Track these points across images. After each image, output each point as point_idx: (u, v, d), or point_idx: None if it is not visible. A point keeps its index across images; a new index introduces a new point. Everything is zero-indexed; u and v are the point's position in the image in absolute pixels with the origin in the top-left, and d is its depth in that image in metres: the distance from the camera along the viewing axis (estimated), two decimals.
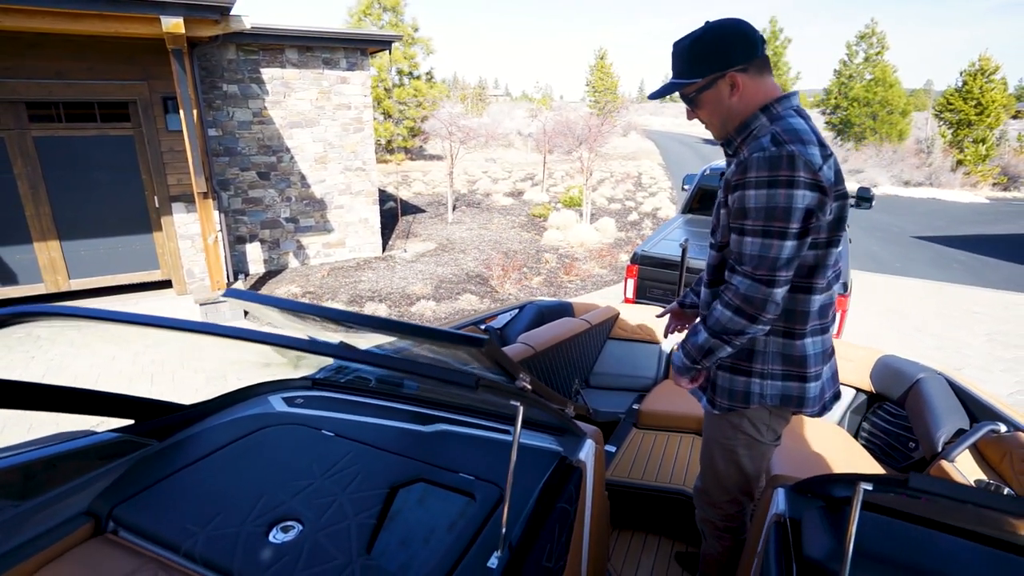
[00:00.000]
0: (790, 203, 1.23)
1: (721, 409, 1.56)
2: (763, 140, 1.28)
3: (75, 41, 5.64)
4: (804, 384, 1.46)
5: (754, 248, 1.28)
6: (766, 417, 1.54)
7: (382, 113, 19.99)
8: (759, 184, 1.25)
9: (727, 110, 1.38)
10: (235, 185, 7.41)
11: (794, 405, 1.48)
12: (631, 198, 14.41)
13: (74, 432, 1.32)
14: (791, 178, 1.23)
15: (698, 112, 1.43)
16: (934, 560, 1.08)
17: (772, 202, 1.24)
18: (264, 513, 1.18)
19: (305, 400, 1.68)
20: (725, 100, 1.37)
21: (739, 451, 1.60)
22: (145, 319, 1.04)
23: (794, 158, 1.22)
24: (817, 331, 1.45)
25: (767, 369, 1.47)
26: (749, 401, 1.50)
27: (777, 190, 1.23)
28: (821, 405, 1.51)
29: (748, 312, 1.31)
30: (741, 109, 1.37)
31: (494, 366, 0.92)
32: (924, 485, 0.78)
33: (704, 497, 1.75)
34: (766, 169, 1.24)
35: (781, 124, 1.29)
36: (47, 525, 1.11)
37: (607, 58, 34.69)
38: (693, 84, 1.38)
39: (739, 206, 1.30)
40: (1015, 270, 9.27)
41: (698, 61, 1.37)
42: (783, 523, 1.26)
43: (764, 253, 1.27)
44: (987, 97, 21.55)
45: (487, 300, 6.89)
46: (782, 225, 1.25)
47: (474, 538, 1.12)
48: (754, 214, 1.27)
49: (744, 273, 1.31)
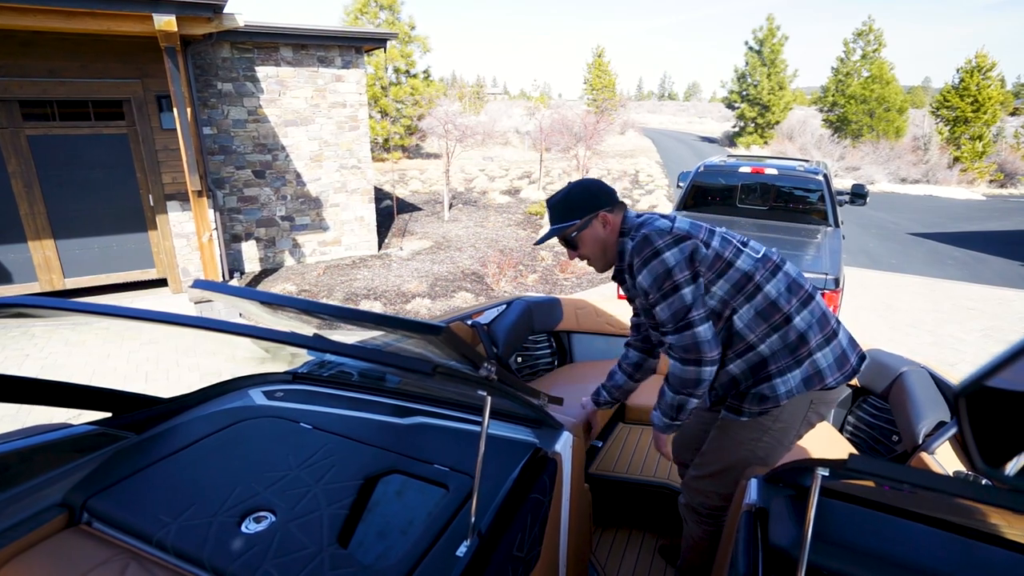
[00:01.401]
0: (665, 265, 1.52)
1: (751, 415, 1.64)
2: (628, 246, 1.63)
3: (68, 39, 5.64)
4: (813, 358, 1.58)
5: (665, 312, 1.54)
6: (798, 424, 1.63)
7: (379, 111, 19.97)
8: (639, 268, 1.56)
9: (603, 242, 1.69)
10: (230, 183, 7.42)
11: (817, 383, 1.58)
12: (628, 196, 14.41)
13: (50, 425, 1.33)
14: (654, 249, 1.53)
15: (580, 250, 1.71)
16: (897, 546, 1.09)
17: (653, 273, 1.53)
18: (237, 504, 1.19)
19: (285, 394, 1.69)
20: (601, 234, 1.68)
21: (758, 453, 1.67)
22: (127, 311, 1.05)
23: (647, 238, 1.55)
24: (798, 307, 1.58)
25: (781, 365, 1.58)
26: (780, 400, 1.59)
27: (651, 263, 1.53)
28: (844, 373, 1.61)
29: (690, 359, 1.53)
30: (610, 238, 1.68)
31: (456, 354, 0.93)
32: (862, 466, 0.80)
33: (696, 485, 1.78)
34: (637, 256, 1.56)
35: (633, 232, 1.63)
36: (20, 516, 1.12)
37: (604, 56, 34.66)
38: (572, 225, 1.66)
39: (641, 290, 1.59)
40: (1009, 266, 9.28)
41: (574, 209, 1.66)
42: (753, 512, 1.28)
43: (673, 310, 1.52)
44: (984, 94, 21.55)
45: (482, 298, 6.90)
46: (671, 283, 1.51)
47: (444, 528, 1.13)
48: (650, 289, 1.55)
49: (669, 331, 1.55)
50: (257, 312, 1.32)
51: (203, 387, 1.67)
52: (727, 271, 1.56)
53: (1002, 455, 0.50)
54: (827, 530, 1.12)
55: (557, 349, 3.35)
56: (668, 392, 1.63)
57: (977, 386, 0.47)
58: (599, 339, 3.33)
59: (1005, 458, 0.51)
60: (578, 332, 3.35)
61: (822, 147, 24.24)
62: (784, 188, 5.92)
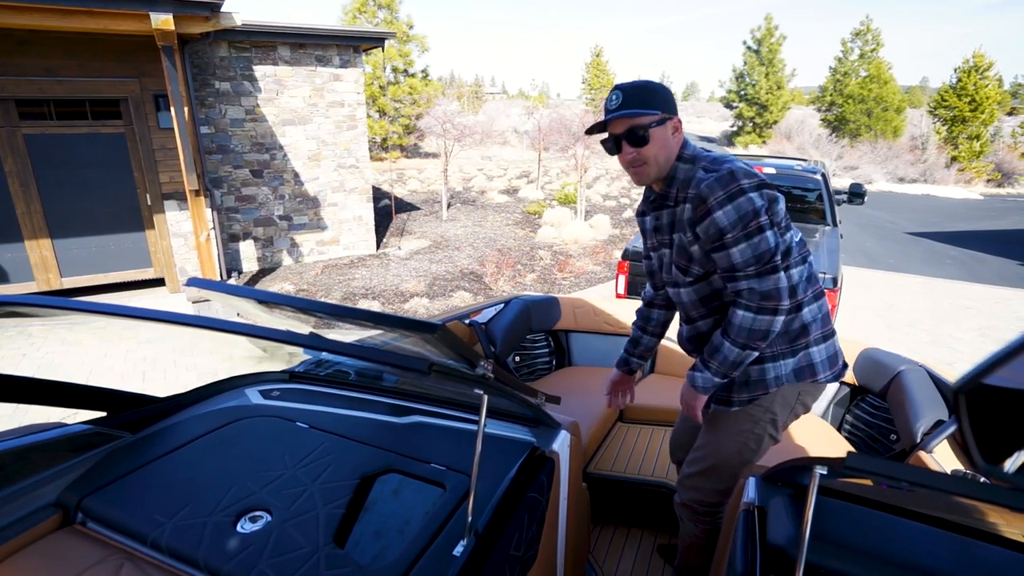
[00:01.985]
0: (752, 204, 1.39)
1: (740, 404, 1.61)
2: (699, 174, 1.46)
3: (65, 38, 5.62)
4: (809, 351, 1.56)
5: (746, 253, 1.41)
6: (786, 413, 1.61)
7: (377, 111, 19.95)
8: (722, 203, 1.40)
9: (669, 149, 1.52)
10: (228, 183, 7.40)
11: (808, 376, 1.56)
12: (626, 195, 14.41)
13: (45, 424, 1.32)
14: (741, 187, 1.40)
15: (643, 149, 1.50)
16: (896, 545, 1.09)
17: (740, 211, 1.39)
18: (233, 503, 1.18)
19: (282, 393, 1.69)
20: (669, 139, 1.51)
21: (749, 445, 1.64)
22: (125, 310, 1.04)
23: (734, 172, 1.41)
24: (811, 299, 1.55)
25: (776, 350, 1.55)
26: (768, 387, 1.57)
27: (738, 200, 1.39)
28: (834, 372, 1.60)
29: (769, 307, 1.41)
30: (673, 151, 1.53)
31: (452, 352, 0.92)
32: (860, 465, 0.79)
33: (691, 482, 1.76)
34: (720, 189, 1.40)
35: (701, 160, 1.50)
36: (14, 516, 1.11)
37: (603, 56, 34.68)
38: (652, 115, 1.47)
39: (715, 229, 1.42)
40: (1007, 265, 9.30)
41: (655, 100, 1.49)
42: (752, 511, 1.27)
43: (757, 251, 1.40)
44: (981, 94, 21.60)
45: (481, 297, 6.90)
46: (756, 222, 1.39)
47: (441, 527, 1.13)
48: (731, 228, 1.40)
49: (750, 275, 1.42)
50: (254, 311, 1.31)
51: (199, 386, 1.66)
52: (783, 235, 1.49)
53: (1000, 452, 0.50)
54: (825, 529, 1.12)
55: (555, 348, 3.35)
56: (729, 347, 1.48)
57: (976, 383, 0.46)
58: (597, 338, 3.32)
59: (1003, 455, 0.50)
60: (576, 331, 3.35)
61: (820, 146, 24.26)
62: (782, 187, 5.92)
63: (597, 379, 3.05)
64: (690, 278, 1.58)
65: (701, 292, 1.59)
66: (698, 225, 1.46)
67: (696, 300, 1.61)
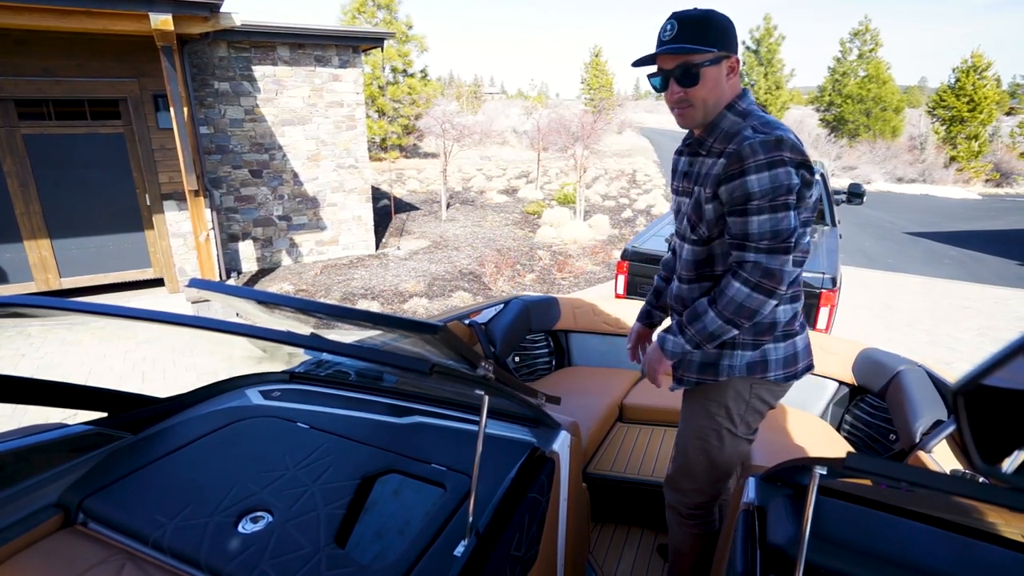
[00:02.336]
0: (789, 179, 1.31)
1: (688, 383, 1.57)
2: (746, 132, 1.35)
3: (64, 38, 5.62)
4: (766, 347, 1.50)
5: (765, 225, 1.32)
6: (742, 407, 1.55)
7: (376, 111, 19.95)
8: (759, 168, 1.31)
9: (721, 92, 1.40)
10: (227, 183, 7.40)
11: (759, 371, 1.51)
12: (625, 195, 14.42)
13: (45, 425, 1.32)
14: (783, 157, 1.30)
15: (693, 89, 1.37)
16: (895, 545, 1.09)
17: (775, 181, 1.30)
18: (234, 504, 1.18)
19: (282, 393, 1.69)
20: (723, 81, 1.39)
21: (711, 441, 1.60)
22: (125, 311, 1.04)
23: (783, 141, 1.30)
24: (787, 299, 1.50)
25: (739, 339, 1.50)
26: (718, 374, 1.52)
27: (777, 170, 1.30)
28: (787, 373, 1.52)
29: (767, 287, 1.34)
30: (723, 96, 1.40)
31: (453, 353, 0.93)
32: (860, 465, 0.80)
33: (672, 483, 1.74)
34: (762, 153, 1.30)
35: (753, 118, 1.38)
36: (16, 517, 1.11)
37: (602, 56, 34.70)
38: (708, 53, 1.34)
39: (741, 192, 1.33)
40: (1006, 265, 9.31)
41: (713, 34, 1.35)
42: (751, 511, 1.28)
43: (776, 227, 1.32)
44: (980, 94, 21.63)
45: (480, 297, 6.90)
46: (786, 199, 1.31)
47: (442, 527, 1.13)
48: (759, 195, 1.31)
49: (760, 249, 1.33)
50: (254, 312, 1.32)
51: (200, 387, 1.66)
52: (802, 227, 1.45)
53: (999, 452, 0.50)
54: (825, 529, 1.12)
55: (555, 348, 3.35)
56: (712, 317, 1.39)
57: (975, 384, 0.47)
58: (597, 338, 3.33)
59: (1002, 455, 0.51)
60: (576, 331, 3.35)
61: (819, 146, 24.29)
62: None
63: (597, 379, 3.06)
64: (695, 236, 1.50)
65: (698, 255, 1.51)
66: (725, 184, 1.36)
67: (691, 261, 1.53)
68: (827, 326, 3.82)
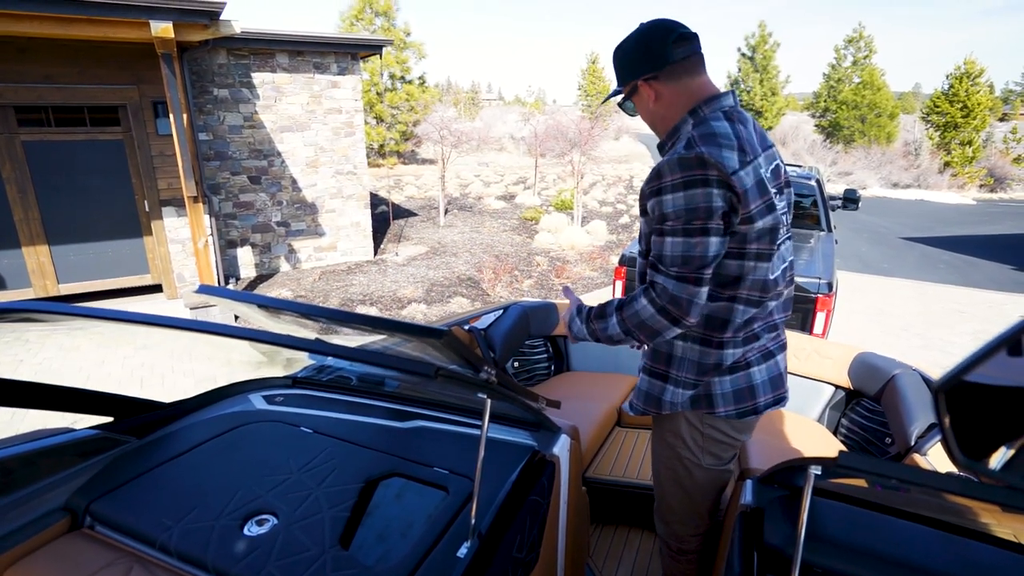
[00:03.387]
0: (709, 201, 1.20)
1: (636, 411, 1.53)
2: (679, 146, 1.27)
3: (65, 45, 5.65)
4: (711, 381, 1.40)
5: (676, 248, 1.24)
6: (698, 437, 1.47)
7: (374, 117, 20.01)
8: (675, 187, 1.22)
9: (652, 116, 1.40)
10: (226, 189, 7.42)
11: (704, 406, 1.41)
12: (622, 201, 14.48)
13: (52, 429, 1.34)
14: (704, 177, 1.20)
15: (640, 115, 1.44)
16: (890, 544, 1.12)
17: (691, 203, 1.21)
18: (240, 507, 1.20)
19: (285, 398, 1.71)
20: (650, 106, 1.37)
21: (679, 470, 1.53)
22: (132, 316, 1.06)
23: (703, 159, 1.20)
24: (738, 343, 1.38)
25: (680, 376, 1.42)
26: (661, 408, 1.46)
27: (694, 190, 1.21)
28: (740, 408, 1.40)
29: (673, 313, 1.25)
30: (667, 114, 1.36)
31: (456, 357, 0.95)
32: (852, 463, 0.82)
33: (658, 514, 1.70)
34: (679, 171, 1.21)
35: (700, 128, 1.27)
36: (24, 520, 1.13)
37: (599, 62, 34.88)
38: (621, 92, 1.39)
39: (659, 212, 1.26)
40: (1000, 270, 9.38)
41: (620, 69, 1.39)
42: (748, 513, 1.30)
43: (688, 252, 1.23)
44: (973, 100, 21.81)
45: (478, 303, 6.92)
46: (702, 223, 1.21)
47: (445, 530, 1.15)
48: (673, 216, 1.23)
49: (669, 274, 1.25)
50: (256, 316, 1.33)
51: (204, 392, 1.68)
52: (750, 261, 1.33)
53: (984, 448, 0.52)
54: (821, 529, 1.14)
55: (554, 353, 3.37)
56: (615, 323, 1.34)
57: (956, 381, 0.49)
58: (595, 343, 3.35)
59: (987, 451, 0.53)
60: None
61: (815, 152, 24.44)
62: None
63: (595, 384, 3.08)
64: (641, 247, 1.44)
65: (642, 267, 1.43)
66: (647, 199, 1.30)
67: (640, 272, 1.45)
68: (823, 331, 3.86)
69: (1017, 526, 1.17)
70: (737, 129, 1.28)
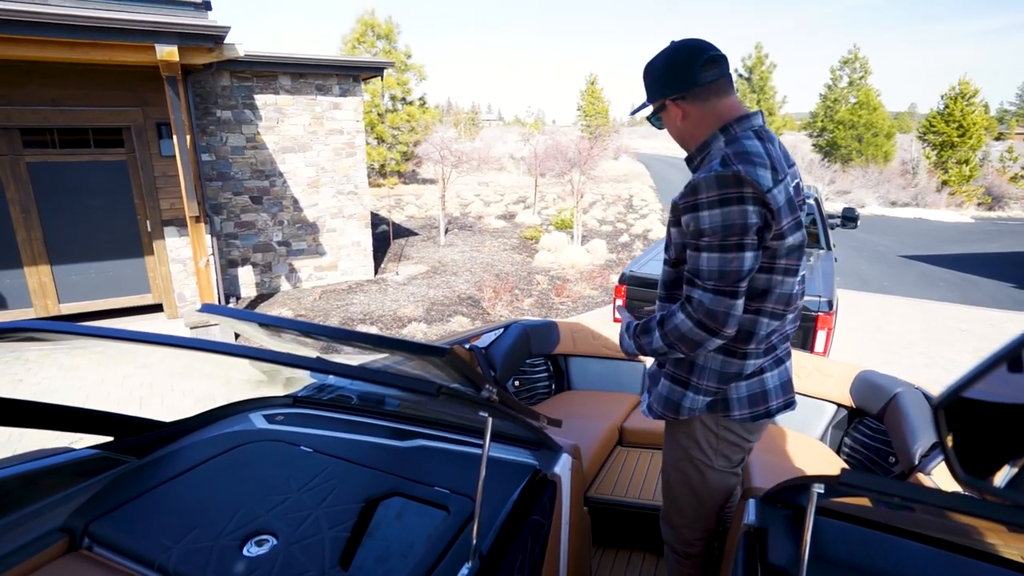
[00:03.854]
0: (744, 218, 1.25)
1: (655, 415, 1.57)
2: (714, 163, 1.30)
3: (71, 69, 5.73)
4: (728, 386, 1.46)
5: (712, 263, 1.29)
6: (713, 440, 1.52)
7: (375, 138, 20.20)
8: (711, 204, 1.27)
9: (679, 132, 1.45)
10: (228, 209, 7.46)
11: (720, 409, 1.48)
12: (622, 220, 14.55)
13: (52, 449, 1.33)
14: (740, 195, 1.25)
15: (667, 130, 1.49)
16: (894, 564, 1.10)
17: (727, 219, 1.26)
18: (239, 527, 1.19)
19: (286, 417, 1.70)
20: (677, 123, 1.43)
21: (690, 473, 1.58)
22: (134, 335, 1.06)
23: (740, 177, 1.24)
24: (760, 354, 1.44)
25: (702, 384, 1.46)
26: (679, 413, 1.50)
27: (730, 207, 1.25)
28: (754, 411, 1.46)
29: (710, 326, 1.30)
30: (695, 132, 1.41)
31: (458, 376, 0.95)
32: (855, 481, 0.82)
33: (665, 518, 1.74)
34: (716, 188, 1.26)
35: (734, 147, 1.31)
36: (22, 541, 1.12)
37: (597, 83, 35.31)
38: (649, 107, 1.46)
39: (695, 227, 1.31)
40: (999, 288, 9.38)
41: (649, 86, 1.45)
42: (752, 533, 1.29)
43: (724, 267, 1.28)
44: (968, 119, 22.02)
45: (478, 322, 6.92)
46: (738, 239, 1.26)
47: (446, 550, 1.14)
48: (710, 232, 1.28)
49: (707, 288, 1.30)
50: (257, 335, 1.34)
51: (204, 411, 1.67)
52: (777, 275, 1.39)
53: (986, 465, 0.52)
54: (825, 549, 1.13)
55: (554, 372, 3.36)
56: (657, 338, 1.41)
57: (955, 397, 0.49)
58: (596, 362, 3.34)
59: (989, 468, 0.53)
60: (575, 355, 3.37)
61: (813, 171, 24.62)
62: None
63: (596, 403, 3.06)
64: (666, 256, 1.51)
65: (668, 276, 1.51)
66: (683, 214, 1.34)
67: (664, 281, 1.53)
68: (824, 349, 3.85)
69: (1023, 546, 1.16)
70: (768, 148, 1.34)
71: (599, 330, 3.34)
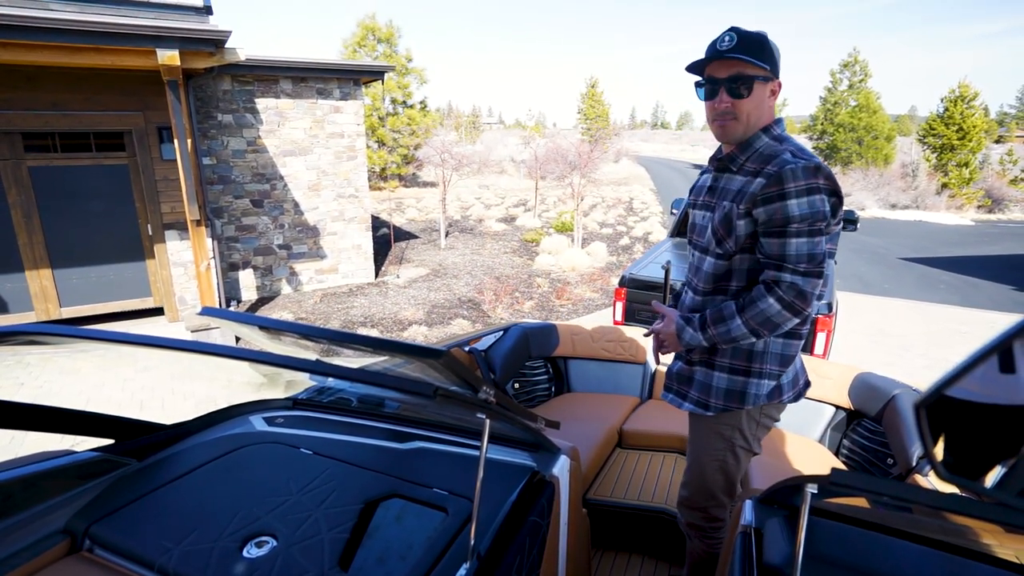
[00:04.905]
0: (824, 207, 1.39)
1: (715, 410, 1.61)
2: (785, 156, 1.41)
3: (72, 73, 5.76)
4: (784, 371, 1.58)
5: (802, 248, 1.39)
6: (754, 427, 1.63)
7: (376, 141, 20.25)
8: (799, 193, 1.38)
9: (762, 111, 1.47)
10: (228, 212, 7.49)
11: (776, 396, 1.58)
12: (622, 223, 14.56)
13: (53, 452, 1.34)
14: (820, 185, 1.38)
15: (742, 102, 1.44)
16: (890, 565, 1.11)
17: (814, 207, 1.37)
18: (239, 529, 1.20)
19: (286, 420, 1.71)
20: (765, 102, 1.47)
21: (729, 460, 1.66)
22: (131, 338, 1.07)
23: (821, 168, 1.38)
24: (804, 335, 1.58)
25: (765, 369, 1.55)
26: (745, 401, 1.57)
27: (815, 196, 1.38)
28: (795, 392, 1.63)
29: (799, 307, 1.40)
30: (762, 116, 1.47)
31: (456, 378, 0.96)
32: (845, 480, 0.82)
33: (690, 503, 1.78)
34: (803, 179, 1.37)
35: (790, 143, 1.46)
36: (23, 543, 1.13)
37: (598, 86, 35.39)
38: (762, 68, 1.42)
39: (782, 215, 1.39)
40: (999, 290, 9.39)
41: (768, 54, 1.43)
42: (748, 533, 1.29)
43: (813, 251, 1.39)
44: (968, 122, 22.05)
45: (479, 324, 6.92)
46: (824, 224, 1.39)
47: (444, 552, 1.15)
48: (799, 219, 1.38)
49: (798, 271, 1.39)
50: (258, 338, 1.35)
51: (204, 414, 1.68)
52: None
53: (968, 463, 0.53)
54: (821, 549, 1.14)
55: (554, 375, 3.37)
56: (739, 324, 1.45)
57: (936, 396, 0.50)
58: (595, 364, 3.35)
59: (971, 466, 0.54)
60: (574, 358, 3.38)
61: None
62: None
63: (596, 405, 3.07)
64: (720, 250, 1.54)
65: (719, 269, 1.55)
66: (764, 204, 1.41)
67: (711, 274, 1.57)
68: (824, 351, 3.85)
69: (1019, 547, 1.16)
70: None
71: (599, 333, 3.35)
